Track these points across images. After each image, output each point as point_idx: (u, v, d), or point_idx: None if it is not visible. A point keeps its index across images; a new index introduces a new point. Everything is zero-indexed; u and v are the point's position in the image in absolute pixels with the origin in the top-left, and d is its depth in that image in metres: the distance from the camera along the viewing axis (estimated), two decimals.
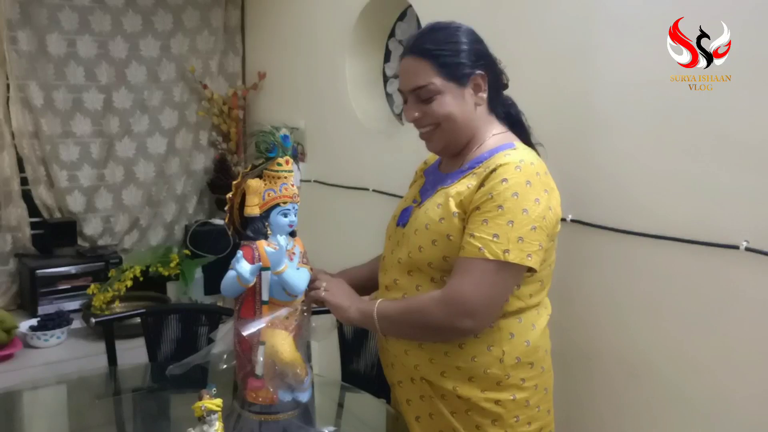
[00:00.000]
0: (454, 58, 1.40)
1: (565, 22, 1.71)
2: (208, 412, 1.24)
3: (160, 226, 3.37)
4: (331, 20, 2.73)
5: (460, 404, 1.40)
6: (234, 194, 1.42)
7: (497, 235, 1.29)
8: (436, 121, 1.42)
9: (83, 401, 1.91)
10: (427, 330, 1.39)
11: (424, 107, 1.42)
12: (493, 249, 1.29)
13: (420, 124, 1.45)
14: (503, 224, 1.29)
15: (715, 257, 1.41)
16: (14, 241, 2.97)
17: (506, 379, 1.39)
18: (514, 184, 1.31)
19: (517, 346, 1.39)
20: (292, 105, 3.13)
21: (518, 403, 1.40)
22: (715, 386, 1.45)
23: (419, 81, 1.40)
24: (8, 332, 2.44)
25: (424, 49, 1.40)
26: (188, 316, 2.20)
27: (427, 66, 1.39)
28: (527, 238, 1.30)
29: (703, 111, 1.42)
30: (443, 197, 1.41)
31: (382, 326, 1.42)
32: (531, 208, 1.31)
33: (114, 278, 2.79)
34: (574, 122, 1.69)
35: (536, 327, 1.43)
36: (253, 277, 1.33)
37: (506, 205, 1.30)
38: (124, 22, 3.14)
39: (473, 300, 1.30)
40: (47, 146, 3.00)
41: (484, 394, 1.39)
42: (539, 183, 1.34)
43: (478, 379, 1.39)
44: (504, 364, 1.38)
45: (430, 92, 1.40)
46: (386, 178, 2.41)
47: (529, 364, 1.41)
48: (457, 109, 1.41)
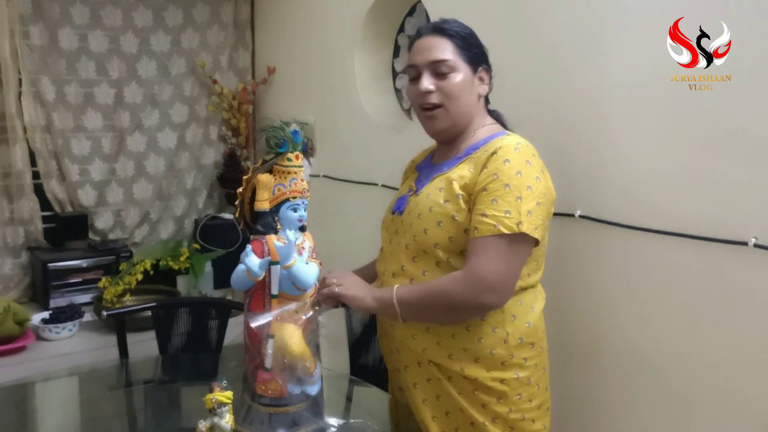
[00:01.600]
0: (472, 45, 1.51)
1: (574, 19, 1.70)
2: (219, 404, 1.25)
3: (171, 220, 3.39)
4: (341, 15, 2.73)
5: (467, 384, 1.47)
6: (244, 189, 1.43)
7: (509, 211, 1.37)
8: (447, 98, 1.49)
9: (95, 393, 1.94)
10: (451, 310, 1.44)
11: (439, 82, 1.49)
12: (507, 224, 1.36)
13: (430, 99, 1.50)
14: (512, 200, 1.37)
15: (724, 253, 1.41)
16: (26, 235, 2.99)
17: (510, 359, 1.46)
18: (516, 163, 1.40)
19: (519, 327, 1.47)
20: (301, 100, 3.14)
21: (521, 381, 1.47)
22: (722, 383, 1.45)
23: (440, 55, 1.48)
24: (21, 324, 2.47)
25: (447, 30, 1.50)
26: (198, 309, 2.22)
27: (448, 44, 1.49)
28: (534, 212, 1.39)
29: (711, 107, 1.42)
30: (444, 182, 1.48)
31: (402, 311, 1.46)
32: (534, 185, 1.39)
33: (125, 272, 2.81)
34: (582, 118, 1.69)
35: (535, 309, 1.51)
36: (262, 271, 1.34)
37: (512, 183, 1.38)
38: (135, 17, 3.16)
39: (495, 276, 1.37)
40: (59, 140, 3.02)
41: (490, 374, 1.45)
42: (536, 164, 1.44)
43: (484, 359, 1.45)
44: (508, 344, 1.45)
45: (449, 68, 1.48)
46: (395, 173, 2.39)
47: (530, 344, 1.49)
48: (465, 92, 1.50)
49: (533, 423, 1.51)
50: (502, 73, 1.60)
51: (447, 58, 1.48)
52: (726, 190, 1.41)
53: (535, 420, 1.52)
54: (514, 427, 1.48)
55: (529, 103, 1.63)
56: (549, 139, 1.63)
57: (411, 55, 1.55)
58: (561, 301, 1.73)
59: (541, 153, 1.51)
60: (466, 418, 1.48)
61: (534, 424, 1.51)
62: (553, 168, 1.56)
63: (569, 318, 1.75)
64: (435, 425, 1.51)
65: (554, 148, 1.67)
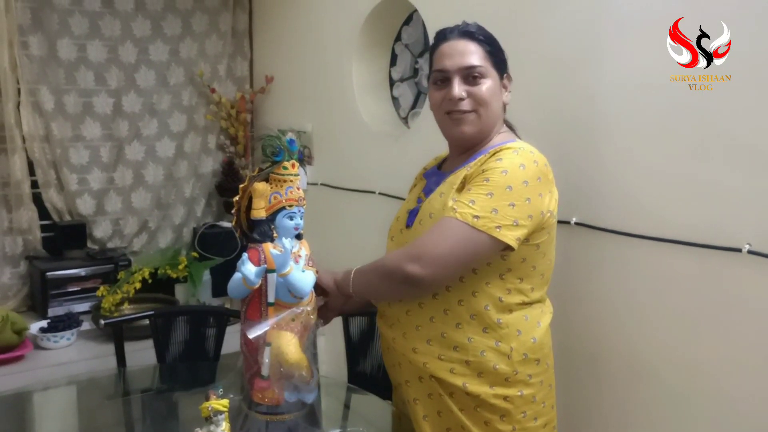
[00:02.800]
0: (499, 52, 1.51)
1: (570, 25, 1.72)
2: (215, 413, 1.25)
3: (169, 228, 3.39)
4: (338, 24, 2.75)
5: (469, 401, 1.43)
6: (241, 197, 1.44)
7: (473, 201, 1.36)
8: (479, 104, 1.48)
9: (93, 402, 1.94)
10: (384, 278, 1.45)
11: (471, 88, 1.47)
12: (464, 212, 1.36)
13: (463, 105, 1.48)
14: (482, 194, 1.36)
15: (719, 260, 1.42)
16: (25, 244, 2.99)
17: (514, 375, 1.42)
18: (507, 164, 1.39)
19: (524, 342, 1.43)
20: (299, 108, 3.15)
21: (525, 398, 1.44)
22: (718, 388, 1.45)
23: (473, 61, 1.47)
24: (19, 334, 2.46)
25: (479, 36, 1.49)
26: (196, 317, 2.22)
27: (479, 49, 1.48)
28: (502, 212, 1.35)
29: (706, 113, 1.43)
30: (446, 186, 1.48)
31: (354, 281, 1.50)
32: (516, 188, 1.36)
33: (123, 280, 2.81)
34: (578, 125, 1.70)
35: (541, 324, 1.47)
36: (258, 279, 1.34)
37: (492, 178, 1.37)
38: (134, 27, 3.17)
39: (426, 248, 1.37)
40: (57, 150, 3.02)
41: (493, 390, 1.42)
42: (534, 169, 1.40)
43: (487, 374, 1.42)
44: (512, 360, 1.42)
45: (481, 74, 1.47)
46: (392, 181, 2.42)
47: (536, 361, 1.45)
48: (495, 99, 1.49)
49: None
50: None
51: (479, 64, 1.46)
52: (721, 197, 1.42)
53: None
54: None
55: (525, 109, 1.64)
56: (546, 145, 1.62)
57: (437, 58, 1.51)
58: (557, 308, 1.73)
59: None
60: None
61: None
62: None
63: (566, 325, 1.75)
64: None
65: (550, 155, 1.66)
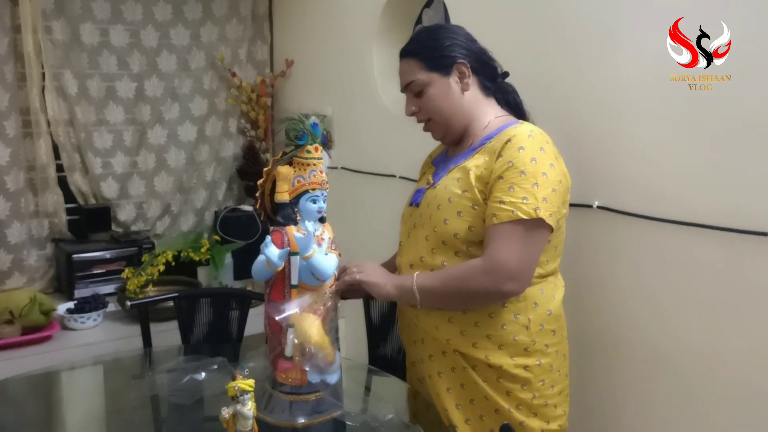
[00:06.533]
0: (434, 52, 1.56)
1: (589, 13, 1.70)
2: (241, 392, 1.27)
3: (191, 212, 3.43)
4: (359, 8, 2.74)
5: (492, 373, 1.49)
6: (265, 180, 1.45)
7: (526, 197, 1.39)
8: (429, 113, 1.59)
9: (119, 381, 1.98)
10: (471, 298, 1.46)
11: (419, 101, 1.59)
12: (525, 209, 1.38)
13: (418, 117, 1.63)
14: (529, 187, 1.40)
15: (742, 244, 1.40)
16: (51, 227, 3.05)
17: (533, 345, 1.49)
18: (530, 150, 1.42)
19: (540, 314, 1.50)
20: (319, 92, 3.15)
21: (543, 367, 1.51)
22: (740, 376, 1.44)
23: (407, 78, 1.59)
24: (47, 315, 2.52)
25: (410, 50, 1.60)
26: (219, 300, 2.25)
27: (413, 64, 1.57)
28: (549, 199, 1.41)
29: (729, 100, 1.41)
30: (461, 172, 1.50)
31: (422, 297, 1.49)
32: (549, 173, 1.42)
33: (147, 263, 2.85)
34: (600, 110, 1.69)
35: (556, 298, 1.54)
36: (281, 262, 1.36)
37: (527, 169, 1.40)
38: (155, 11, 3.19)
39: (514, 263, 1.39)
40: (82, 134, 3.06)
41: (514, 360, 1.48)
42: (550, 151, 1.46)
43: (508, 345, 1.48)
44: (530, 330, 1.48)
45: (418, 86, 1.57)
46: (413, 165, 2.40)
47: (552, 331, 1.52)
48: (444, 99, 1.56)
49: (555, 408, 1.54)
50: (520, 68, 1.60)
51: (413, 79, 1.57)
52: (744, 181, 1.40)
53: (557, 405, 1.55)
54: (538, 413, 1.51)
55: (546, 95, 1.63)
56: (567, 130, 1.62)
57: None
58: (579, 291, 1.73)
59: (559, 144, 1.52)
60: (490, 406, 1.50)
61: (556, 410, 1.55)
62: (572, 159, 1.56)
63: (586, 308, 1.75)
64: (459, 413, 1.53)
65: (572, 139, 1.67)
